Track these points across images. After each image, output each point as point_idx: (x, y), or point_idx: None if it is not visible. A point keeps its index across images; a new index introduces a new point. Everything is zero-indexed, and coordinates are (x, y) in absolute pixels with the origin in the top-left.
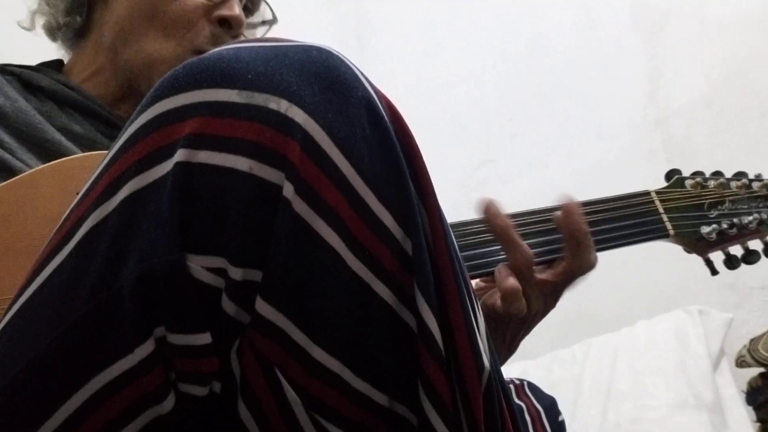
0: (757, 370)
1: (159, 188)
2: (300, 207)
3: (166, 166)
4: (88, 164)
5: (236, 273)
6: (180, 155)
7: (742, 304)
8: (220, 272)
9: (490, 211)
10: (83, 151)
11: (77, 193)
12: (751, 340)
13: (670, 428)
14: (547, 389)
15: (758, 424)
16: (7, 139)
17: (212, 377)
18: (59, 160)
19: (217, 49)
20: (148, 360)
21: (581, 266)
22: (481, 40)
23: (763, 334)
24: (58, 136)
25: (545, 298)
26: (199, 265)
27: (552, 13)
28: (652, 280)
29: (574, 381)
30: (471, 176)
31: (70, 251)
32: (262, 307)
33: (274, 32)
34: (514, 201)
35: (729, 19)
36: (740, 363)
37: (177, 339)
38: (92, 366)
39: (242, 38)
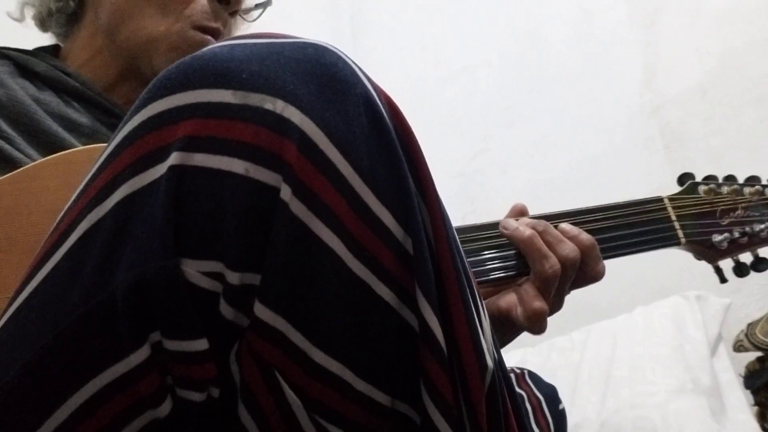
0: (754, 355)
1: (153, 191)
2: (298, 209)
3: (161, 169)
4: (93, 156)
5: (234, 277)
6: (174, 158)
7: (739, 289)
8: (217, 276)
9: (509, 226)
10: (82, 141)
11: None
12: (749, 325)
13: (668, 413)
14: (545, 376)
15: (756, 408)
16: (5, 127)
17: (209, 383)
18: (63, 152)
19: (210, 47)
20: (144, 365)
21: (587, 276)
22: (477, 29)
23: (761, 319)
24: (55, 127)
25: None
26: (195, 270)
27: (548, 2)
28: (650, 266)
29: (573, 368)
30: (468, 166)
31: (63, 254)
32: (261, 311)
33: (269, 24)
34: (511, 190)
35: (724, 7)
36: (738, 348)
37: (173, 345)
38: (86, 371)
39: (237, 34)
